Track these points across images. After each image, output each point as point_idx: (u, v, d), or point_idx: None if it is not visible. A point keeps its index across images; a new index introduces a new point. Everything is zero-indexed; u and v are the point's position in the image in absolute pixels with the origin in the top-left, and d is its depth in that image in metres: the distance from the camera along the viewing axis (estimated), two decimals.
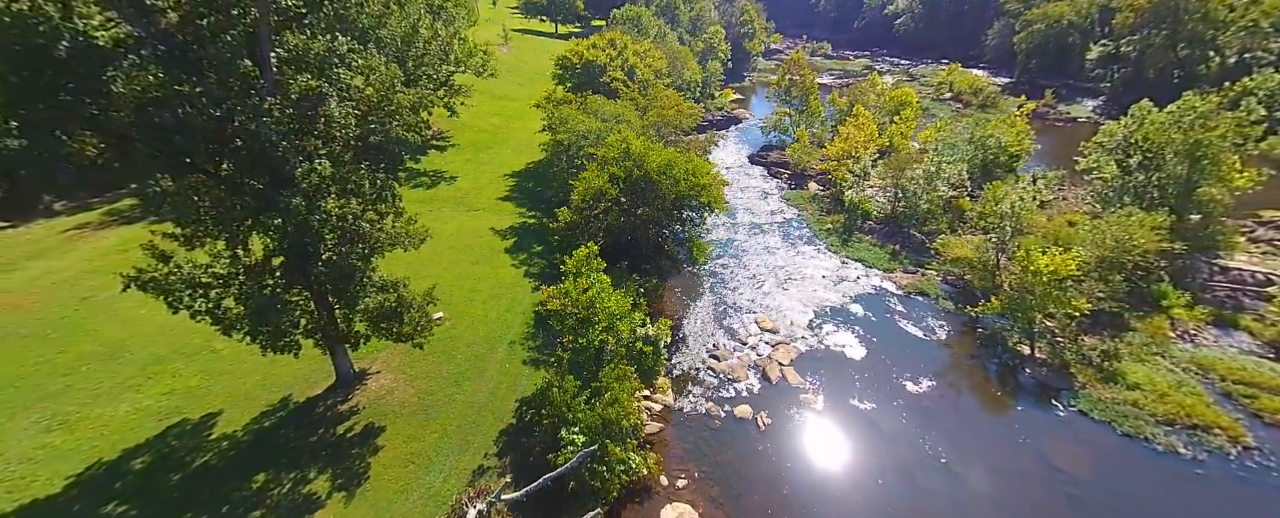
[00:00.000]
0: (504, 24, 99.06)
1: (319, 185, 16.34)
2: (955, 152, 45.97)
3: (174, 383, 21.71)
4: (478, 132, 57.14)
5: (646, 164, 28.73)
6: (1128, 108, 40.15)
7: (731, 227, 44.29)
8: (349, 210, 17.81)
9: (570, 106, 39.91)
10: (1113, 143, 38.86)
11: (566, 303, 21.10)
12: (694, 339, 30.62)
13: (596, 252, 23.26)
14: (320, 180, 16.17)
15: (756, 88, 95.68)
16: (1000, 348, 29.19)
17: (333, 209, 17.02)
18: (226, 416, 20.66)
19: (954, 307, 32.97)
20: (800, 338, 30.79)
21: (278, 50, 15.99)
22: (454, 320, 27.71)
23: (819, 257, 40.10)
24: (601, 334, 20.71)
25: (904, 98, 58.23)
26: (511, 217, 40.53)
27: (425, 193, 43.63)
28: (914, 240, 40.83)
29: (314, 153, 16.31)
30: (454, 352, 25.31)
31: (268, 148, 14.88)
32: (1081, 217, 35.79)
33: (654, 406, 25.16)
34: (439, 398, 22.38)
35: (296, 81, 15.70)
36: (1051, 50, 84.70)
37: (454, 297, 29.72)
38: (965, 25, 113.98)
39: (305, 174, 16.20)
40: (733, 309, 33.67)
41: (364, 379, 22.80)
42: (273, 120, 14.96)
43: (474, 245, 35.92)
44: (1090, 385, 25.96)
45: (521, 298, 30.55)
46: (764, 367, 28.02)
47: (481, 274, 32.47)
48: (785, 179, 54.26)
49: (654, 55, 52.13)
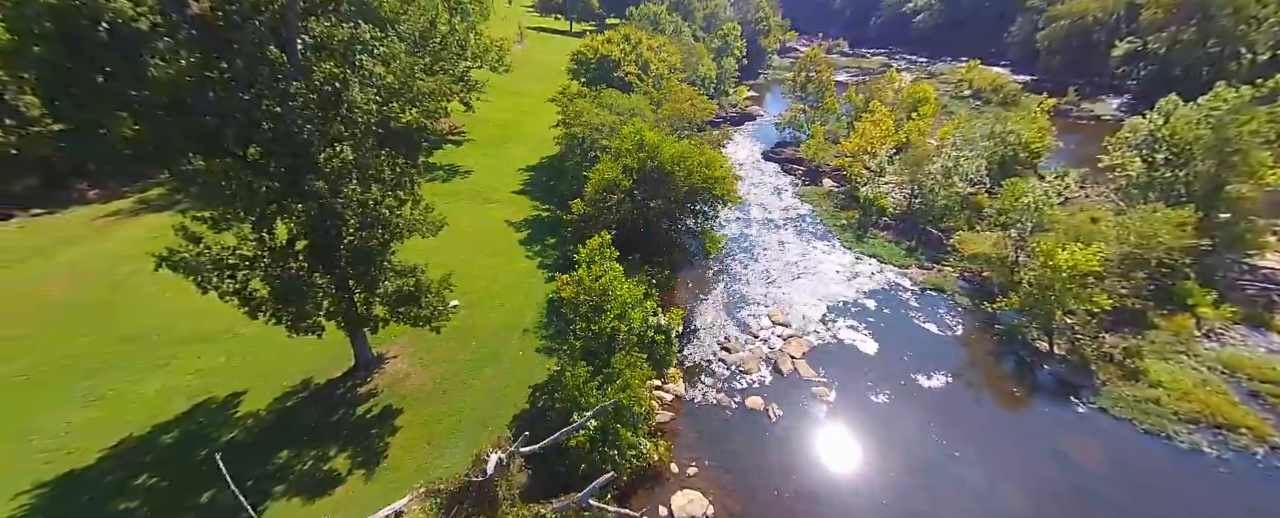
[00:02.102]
0: (519, 21, 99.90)
1: (341, 170, 16.76)
2: (974, 147, 45.36)
3: (201, 364, 22.43)
4: (493, 126, 57.76)
5: (660, 155, 28.86)
6: (1154, 104, 39.29)
7: (744, 222, 44.22)
8: (370, 196, 18.25)
9: (584, 100, 40.17)
10: (1138, 138, 38.02)
11: (579, 290, 21.33)
12: (705, 331, 30.67)
13: (609, 241, 23.45)
14: (342, 165, 16.60)
15: (771, 86, 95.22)
16: (1018, 344, 28.79)
17: (353, 195, 17.47)
18: (251, 395, 21.28)
19: (971, 303, 32.56)
20: (813, 332, 30.67)
21: (304, 36, 16.44)
22: (470, 309, 28.14)
23: (833, 252, 39.86)
24: (613, 321, 20.90)
25: (922, 94, 57.54)
26: (526, 209, 40.95)
27: (442, 186, 44.28)
28: (931, 237, 40.38)
29: (337, 137, 16.73)
30: (470, 339, 25.71)
31: (294, 131, 15.32)
32: (1105, 213, 35.09)
33: (665, 395, 25.28)
34: (455, 383, 22.78)
35: (321, 68, 16.13)
36: (1075, 47, 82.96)
37: (470, 286, 30.14)
38: (986, 22, 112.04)
39: (329, 159, 16.65)
40: (745, 302, 33.64)
41: (382, 364, 23.30)
42: (299, 104, 15.39)
43: (490, 237, 36.38)
44: (1111, 383, 25.50)
45: (536, 289, 30.89)
46: (776, 360, 27.98)
47: (497, 265, 32.88)
48: (799, 175, 53.96)
49: (669, 50, 52.22)
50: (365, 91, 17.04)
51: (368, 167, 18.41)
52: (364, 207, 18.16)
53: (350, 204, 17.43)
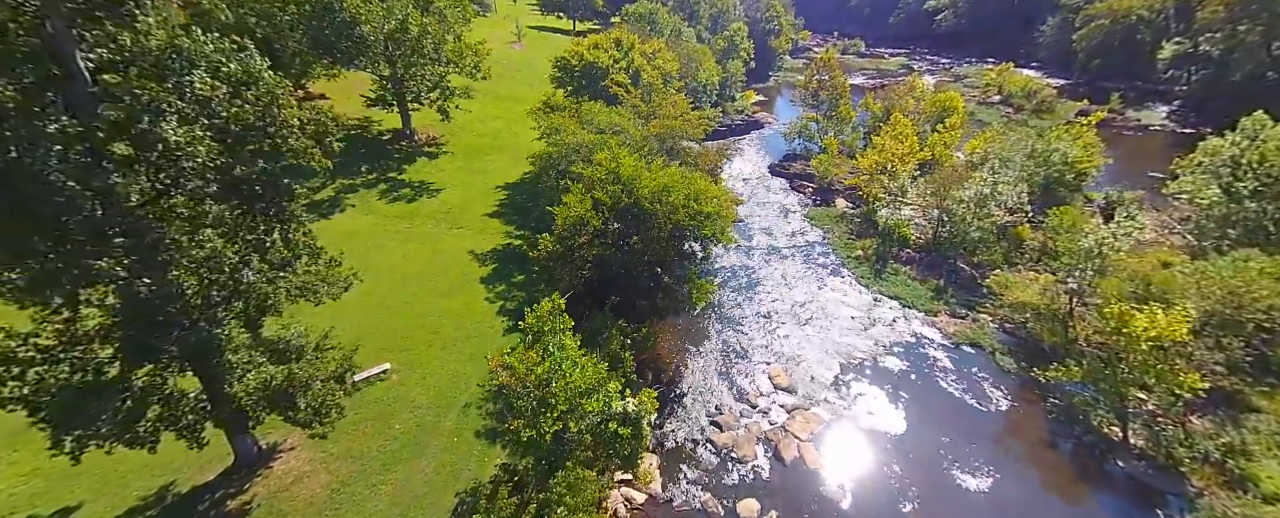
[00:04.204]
0: (517, 20, 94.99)
1: (154, 242, 11.86)
2: (1010, 165, 39.46)
3: (21, 467, 17.69)
4: (476, 135, 52.91)
5: (637, 191, 23.65)
6: (1209, 114, 33.24)
7: (745, 250, 38.84)
8: (221, 263, 13.37)
9: (563, 114, 35.08)
10: (1216, 163, 31.96)
11: (515, 380, 16.27)
12: (692, 398, 25.47)
13: (562, 307, 18.35)
14: (150, 236, 11.70)
15: (781, 88, 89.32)
16: (1081, 427, 23.17)
17: (182, 269, 12.59)
18: (88, 511, 16.51)
19: (1016, 365, 26.91)
20: (822, 400, 25.30)
21: (98, 50, 11.52)
22: (403, 372, 23.23)
23: (846, 290, 34.35)
24: (556, 423, 15.79)
25: (949, 103, 51.53)
26: (497, 236, 36.01)
27: (405, 207, 39.55)
28: (962, 274, 34.67)
29: (144, 194, 11.82)
30: (394, 417, 20.78)
31: (53, 188, 10.42)
32: (1177, 256, 29.18)
33: (635, 495, 20.16)
34: (359, 488, 17.84)
35: (114, 90, 11.24)
36: (1116, 48, 75.88)
37: (409, 339, 25.29)
38: (1015, 21, 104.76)
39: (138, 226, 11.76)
40: (741, 356, 28.38)
41: (270, 460, 18.42)
42: (62, 148, 10.49)
43: (447, 272, 31.49)
44: (1209, 490, 19.83)
45: (490, 341, 25.90)
46: (777, 444, 22.67)
47: (448, 310, 27.96)
48: (809, 194, 48.37)
49: (664, 56, 46.86)
50: (190, 127, 12.09)
51: (219, 226, 13.54)
52: (208, 277, 13.31)
53: (177, 281, 12.56)
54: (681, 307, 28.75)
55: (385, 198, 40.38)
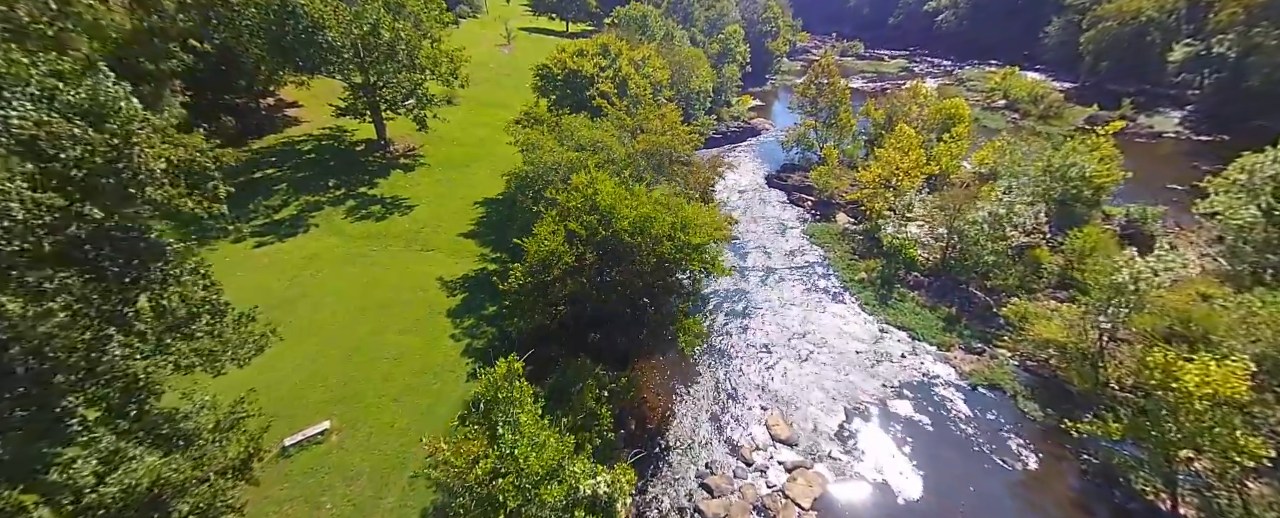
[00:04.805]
0: (506, 22, 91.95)
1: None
2: (1023, 180, 36.70)
3: None
4: (456, 146, 49.94)
5: (616, 223, 20.76)
6: (1225, 121, 30.57)
7: (741, 272, 35.95)
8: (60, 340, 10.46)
9: (541, 129, 32.19)
10: (1254, 181, 29.23)
11: (452, 477, 13.35)
12: (679, 454, 22.59)
13: (521, 371, 15.45)
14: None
15: (779, 92, 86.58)
16: (1120, 490, 20.38)
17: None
18: None
19: (1041, 412, 24.10)
20: (826, 456, 22.45)
21: None
22: (344, 432, 20.31)
23: (850, 319, 31.53)
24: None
25: (954, 111, 48.70)
26: (469, 260, 33.09)
27: (373, 226, 36.60)
28: (976, 301, 31.87)
29: None
30: (325, 494, 17.84)
31: None
32: (1218, 287, 26.41)
33: None
34: None
35: None
36: (1125, 51, 73.24)
37: (358, 388, 22.38)
38: (1019, 22, 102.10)
39: None
40: (735, 399, 25.54)
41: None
42: None
43: (411, 303, 28.53)
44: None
45: (451, 389, 23.00)
46: (777, 514, 19.80)
47: (406, 349, 25.04)
48: (808, 208, 45.56)
49: (654, 64, 43.96)
50: (8, 160, 9.19)
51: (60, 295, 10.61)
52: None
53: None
54: (668, 347, 25.92)
55: (352, 216, 37.43)
